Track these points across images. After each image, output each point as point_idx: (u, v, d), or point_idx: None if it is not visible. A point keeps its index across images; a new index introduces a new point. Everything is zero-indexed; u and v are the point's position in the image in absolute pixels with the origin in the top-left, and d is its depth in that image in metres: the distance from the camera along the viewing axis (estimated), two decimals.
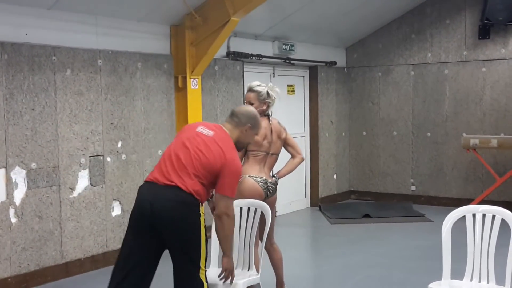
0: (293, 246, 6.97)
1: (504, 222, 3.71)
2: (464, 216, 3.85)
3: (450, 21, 9.00)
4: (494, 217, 3.74)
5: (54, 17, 5.60)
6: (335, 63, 9.51)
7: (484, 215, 3.79)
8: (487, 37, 8.68)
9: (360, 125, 9.91)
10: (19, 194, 5.36)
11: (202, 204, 3.54)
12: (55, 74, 5.63)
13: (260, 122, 3.92)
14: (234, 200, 3.64)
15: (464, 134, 8.74)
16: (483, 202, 7.53)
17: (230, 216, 3.56)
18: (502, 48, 8.63)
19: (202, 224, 3.50)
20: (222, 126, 3.73)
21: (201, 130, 3.64)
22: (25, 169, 5.39)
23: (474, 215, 3.83)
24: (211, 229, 3.91)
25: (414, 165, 9.43)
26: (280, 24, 7.93)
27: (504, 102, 8.65)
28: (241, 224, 4.15)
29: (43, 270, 5.55)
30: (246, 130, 3.76)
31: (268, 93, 4.49)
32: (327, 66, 9.42)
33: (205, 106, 7.18)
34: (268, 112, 4.54)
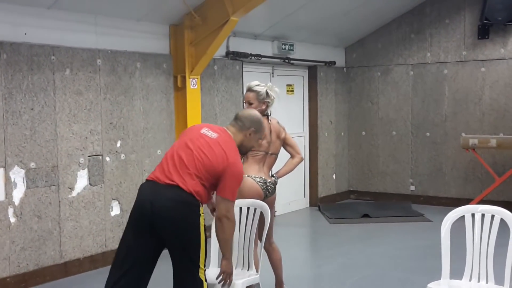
0: (292, 246, 6.97)
1: (503, 222, 3.71)
2: (463, 216, 3.85)
3: (450, 21, 9.00)
4: (493, 217, 3.74)
5: (53, 16, 5.59)
6: (334, 63, 9.51)
7: (483, 215, 3.80)
8: (487, 37, 8.68)
9: (359, 125, 9.91)
10: (18, 194, 5.35)
11: (202, 205, 3.54)
12: (54, 73, 5.62)
13: (264, 126, 3.91)
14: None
15: (463, 134, 8.74)
16: (482, 202, 7.53)
17: (230, 219, 3.56)
18: (502, 48, 8.63)
19: (202, 224, 3.50)
20: (226, 129, 3.73)
21: (205, 132, 3.64)
22: (24, 168, 5.39)
23: (473, 215, 3.83)
24: (211, 228, 3.91)
25: (413, 165, 9.43)
26: (279, 23, 7.93)
27: (503, 102, 8.66)
28: (240, 224, 4.15)
29: (42, 269, 5.55)
30: (250, 134, 3.76)
31: (267, 92, 4.49)
32: (326, 66, 9.42)
33: (204, 106, 7.18)
34: (267, 112, 4.54)
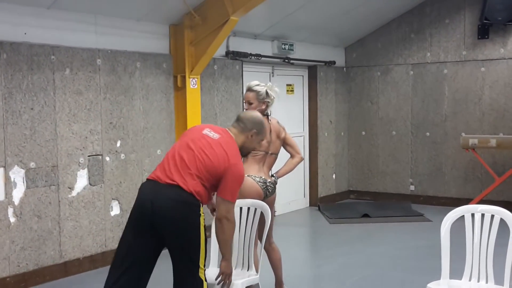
0: (292, 246, 6.97)
1: (503, 222, 3.71)
2: (463, 215, 3.85)
3: (450, 20, 9.00)
4: (493, 217, 3.75)
5: (53, 16, 5.59)
6: (334, 63, 9.51)
7: (483, 215, 3.80)
8: (486, 37, 8.68)
9: (359, 124, 9.91)
10: (18, 194, 5.35)
11: (202, 205, 3.54)
12: (54, 73, 5.62)
13: (266, 128, 3.91)
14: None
15: (463, 134, 8.74)
16: (482, 201, 7.53)
17: (230, 220, 3.55)
18: (501, 48, 8.63)
19: (202, 224, 3.50)
20: (228, 130, 3.73)
21: (207, 132, 3.64)
22: (24, 168, 5.39)
23: (473, 215, 3.83)
24: (211, 228, 3.91)
25: (413, 164, 9.43)
26: (279, 23, 7.92)
27: (503, 101, 8.66)
28: (240, 224, 4.15)
29: (42, 269, 5.55)
30: (251, 136, 3.76)
31: (267, 92, 4.49)
32: (326, 66, 9.42)
33: (204, 106, 7.18)
34: (267, 111, 4.54)
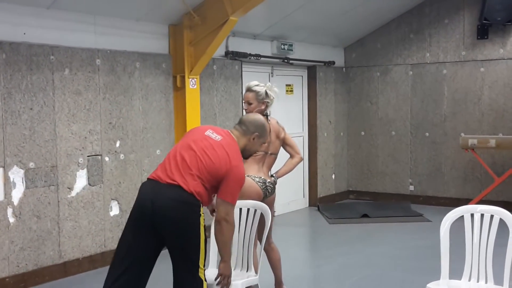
0: (291, 246, 6.97)
1: (502, 222, 3.71)
2: (462, 216, 3.85)
3: (449, 21, 9.00)
4: (492, 217, 3.75)
5: (52, 16, 5.59)
6: (334, 63, 9.51)
7: (482, 215, 3.80)
8: (486, 37, 8.68)
9: (358, 125, 9.91)
10: (17, 194, 5.35)
11: (202, 205, 3.54)
12: (53, 73, 5.62)
13: (268, 131, 3.91)
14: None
15: (462, 134, 8.74)
16: (482, 202, 7.53)
17: (230, 222, 3.55)
18: (501, 48, 8.63)
19: (202, 224, 3.50)
20: (230, 132, 3.73)
21: (209, 134, 3.64)
22: (23, 168, 5.38)
23: (472, 215, 3.83)
24: (210, 228, 3.91)
25: (412, 165, 9.43)
26: (278, 23, 7.92)
27: (502, 102, 8.66)
28: (240, 224, 4.15)
29: (41, 270, 5.55)
30: (253, 139, 3.76)
31: (266, 92, 4.49)
32: (326, 66, 9.41)
33: (203, 106, 7.17)
34: (266, 112, 4.54)
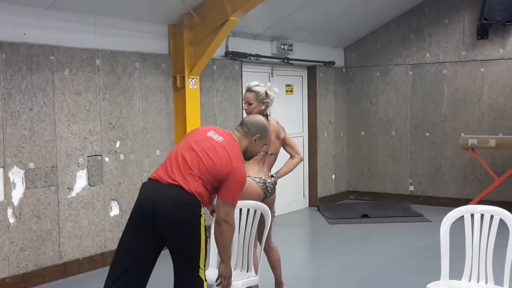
0: (291, 246, 6.97)
1: (502, 222, 3.71)
2: (462, 216, 3.85)
3: (449, 21, 9.00)
4: (492, 217, 3.75)
5: (52, 16, 5.59)
6: (334, 63, 9.51)
7: (482, 215, 3.80)
8: (486, 37, 8.68)
9: (358, 125, 9.91)
10: (17, 194, 5.35)
11: (203, 205, 3.54)
12: (53, 73, 5.62)
13: (269, 132, 3.90)
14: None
15: (462, 134, 8.74)
16: (482, 202, 7.53)
17: (230, 223, 3.55)
18: (501, 48, 8.63)
19: (203, 224, 3.50)
20: (232, 134, 3.72)
21: (211, 134, 3.63)
22: (23, 169, 5.38)
23: (472, 215, 3.83)
24: (211, 229, 3.90)
25: (412, 165, 9.43)
26: (278, 24, 7.92)
27: (502, 102, 8.66)
28: (240, 225, 4.15)
29: (41, 270, 5.55)
30: (255, 140, 3.75)
31: (266, 93, 4.49)
32: (326, 66, 9.41)
33: (203, 106, 7.17)
34: (266, 112, 4.54)
